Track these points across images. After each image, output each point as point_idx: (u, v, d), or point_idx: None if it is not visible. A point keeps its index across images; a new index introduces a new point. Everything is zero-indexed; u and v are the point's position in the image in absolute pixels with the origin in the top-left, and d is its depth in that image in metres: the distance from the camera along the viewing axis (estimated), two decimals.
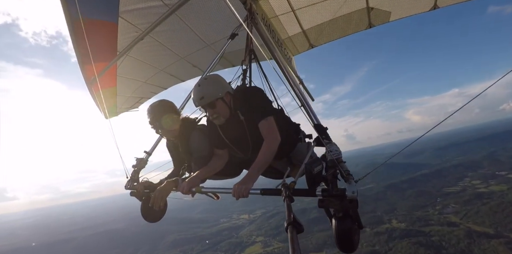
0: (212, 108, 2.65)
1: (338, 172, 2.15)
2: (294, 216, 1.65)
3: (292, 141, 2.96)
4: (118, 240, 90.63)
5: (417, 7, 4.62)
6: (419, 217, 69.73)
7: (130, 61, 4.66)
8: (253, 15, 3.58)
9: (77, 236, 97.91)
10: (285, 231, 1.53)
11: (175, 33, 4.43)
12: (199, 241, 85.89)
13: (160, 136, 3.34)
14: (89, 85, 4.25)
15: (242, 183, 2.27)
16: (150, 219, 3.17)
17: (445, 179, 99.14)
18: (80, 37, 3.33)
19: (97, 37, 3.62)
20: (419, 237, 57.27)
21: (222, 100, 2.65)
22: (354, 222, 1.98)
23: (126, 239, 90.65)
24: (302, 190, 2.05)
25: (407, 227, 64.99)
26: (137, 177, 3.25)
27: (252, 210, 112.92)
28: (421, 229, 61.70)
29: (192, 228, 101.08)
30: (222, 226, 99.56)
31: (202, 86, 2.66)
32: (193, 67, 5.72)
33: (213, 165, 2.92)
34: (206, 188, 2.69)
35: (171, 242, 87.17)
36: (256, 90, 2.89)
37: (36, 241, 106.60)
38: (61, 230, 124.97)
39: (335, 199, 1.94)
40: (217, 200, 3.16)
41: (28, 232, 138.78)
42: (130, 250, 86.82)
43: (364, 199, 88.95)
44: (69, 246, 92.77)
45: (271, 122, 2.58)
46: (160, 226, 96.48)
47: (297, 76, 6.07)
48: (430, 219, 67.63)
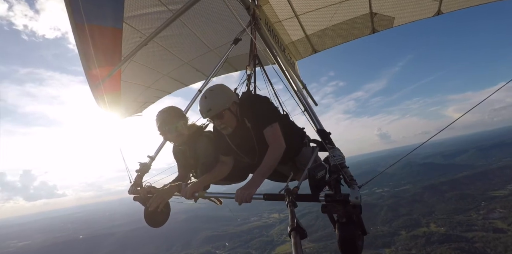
0: (220, 119, 2.68)
1: (342, 177, 2.13)
2: (298, 221, 1.63)
3: (297, 146, 2.98)
4: (154, 235, 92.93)
5: (421, 13, 4.63)
6: (461, 222, 65.90)
7: (134, 66, 4.69)
8: (257, 21, 3.61)
9: (118, 231, 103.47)
10: (288, 235, 1.53)
11: (179, 38, 4.47)
12: (231, 238, 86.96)
13: (166, 141, 3.34)
14: (93, 90, 4.28)
15: (245, 188, 2.29)
16: (153, 224, 3.15)
17: (491, 181, 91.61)
18: (85, 42, 3.37)
19: (101, 42, 3.66)
20: (461, 243, 54.46)
21: (229, 110, 2.68)
22: (357, 228, 1.96)
23: (162, 235, 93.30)
24: (305, 195, 2.04)
25: (447, 231, 61.96)
26: (140, 182, 3.25)
27: (282, 209, 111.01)
28: (462, 234, 58.74)
29: (223, 226, 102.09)
30: (253, 224, 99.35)
31: (209, 98, 2.68)
32: (197, 72, 5.74)
33: (218, 172, 2.95)
34: (209, 193, 2.70)
35: (204, 239, 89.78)
36: (261, 97, 2.93)
37: (83, 234, 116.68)
38: (104, 225, 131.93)
39: (339, 204, 1.92)
40: (220, 205, 3.18)
41: (76, 226, 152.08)
42: (165, 245, 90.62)
43: (399, 200, 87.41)
44: (111, 240, 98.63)
45: (276, 129, 2.61)
46: (193, 224, 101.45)
47: (300, 81, 6.08)
48: (473, 224, 63.50)
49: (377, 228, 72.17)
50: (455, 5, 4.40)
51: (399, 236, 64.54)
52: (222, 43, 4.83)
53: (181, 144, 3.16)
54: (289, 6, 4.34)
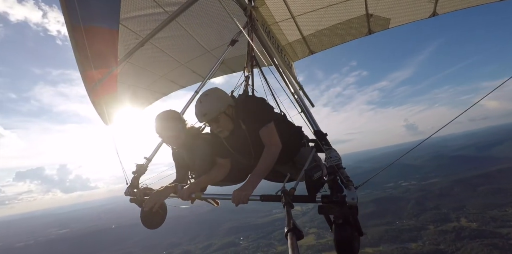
0: (216, 123, 2.70)
1: (338, 178, 2.14)
2: (294, 222, 1.63)
3: (295, 146, 2.98)
4: (182, 225, 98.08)
5: (417, 14, 4.65)
6: (494, 217, 62.48)
7: (130, 67, 4.69)
8: (253, 22, 3.60)
9: None
10: (285, 236, 1.53)
11: (176, 40, 4.46)
12: (254, 229, 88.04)
13: (165, 144, 3.35)
14: (89, 92, 4.25)
15: (242, 190, 2.29)
16: (149, 226, 3.15)
17: None
18: (80, 43, 3.35)
19: (97, 43, 3.64)
20: (494, 239, 52.17)
21: (224, 114, 2.68)
22: (354, 229, 1.96)
23: (189, 225, 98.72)
24: (302, 196, 2.05)
25: (479, 227, 59.12)
26: (137, 183, 3.24)
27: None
28: (496, 230, 56.03)
29: (246, 218, 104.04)
30: (275, 216, 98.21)
31: (204, 102, 2.69)
32: (193, 74, 5.74)
33: (214, 174, 2.96)
34: (206, 194, 2.70)
35: (227, 230, 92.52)
36: (256, 98, 2.94)
37: (115, 223, 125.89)
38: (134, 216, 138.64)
39: (335, 205, 1.92)
40: (217, 206, 3.19)
41: (109, 216, 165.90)
42: (192, 234, 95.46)
43: (426, 194, 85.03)
44: (140, 229, 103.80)
45: (271, 129, 2.61)
46: (217, 215, 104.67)
47: (297, 82, 6.09)
48: (508, 220, 60.19)
49: (403, 222, 70.34)
50: (451, 6, 4.43)
51: (426, 231, 62.58)
52: (218, 44, 4.83)
53: (180, 147, 3.18)
54: (286, 7, 4.34)
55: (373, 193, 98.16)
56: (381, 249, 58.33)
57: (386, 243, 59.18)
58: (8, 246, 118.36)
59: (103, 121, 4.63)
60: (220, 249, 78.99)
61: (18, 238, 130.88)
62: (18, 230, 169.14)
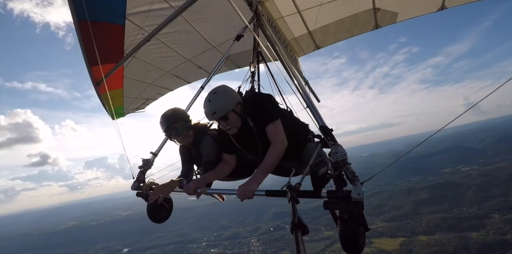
0: (225, 121, 2.72)
1: (344, 174, 2.14)
2: (300, 217, 1.64)
3: (300, 142, 3.01)
4: (229, 210, 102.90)
5: (424, 8, 4.58)
6: None
7: (136, 63, 4.70)
8: (259, 17, 3.58)
9: (197, 205, 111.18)
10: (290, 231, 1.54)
11: (181, 35, 4.45)
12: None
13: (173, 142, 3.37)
14: (96, 87, 4.29)
15: (247, 185, 2.32)
16: (155, 219, 3.19)
17: None
18: (87, 39, 3.38)
19: (104, 39, 3.66)
20: None
21: (233, 111, 2.71)
22: (360, 224, 1.97)
23: (236, 210, 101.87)
24: (307, 192, 2.05)
25: None
26: (143, 178, 3.28)
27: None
28: None
29: None
30: (321, 202, 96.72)
31: (213, 101, 2.70)
32: (199, 69, 5.74)
33: (220, 170, 3.00)
34: (211, 189, 2.73)
35: (274, 214, 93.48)
36: (263, 95, 2.96)
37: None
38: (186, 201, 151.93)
39: (341, 200, 1.93)
40: (222, 201, 3.22)
41: None
42: (239, 218, 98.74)
43: (491, 180, 76.70)
44: (193, 213, 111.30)
45: (278, 125, 2.64)
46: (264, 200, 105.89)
47: (303, 77, 6.06)
48: None
49: (462, 210, 65.18)
50: (459, 0, 4.36)
51: (490, 220, 57.50)
52: (224, 40, 4.81)
53: (188, 144, 3.20)
54: (292, 2, 4.30)
55: (427, 179, 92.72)
56: (436, 237, 55.27)
57: (443, 231, 56.11)
58: (84, 225, 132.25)
59: (110, 116, 4.68)
60: (267, 232, 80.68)
61: (91, 218, 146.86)
62: (91, 211, 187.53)
